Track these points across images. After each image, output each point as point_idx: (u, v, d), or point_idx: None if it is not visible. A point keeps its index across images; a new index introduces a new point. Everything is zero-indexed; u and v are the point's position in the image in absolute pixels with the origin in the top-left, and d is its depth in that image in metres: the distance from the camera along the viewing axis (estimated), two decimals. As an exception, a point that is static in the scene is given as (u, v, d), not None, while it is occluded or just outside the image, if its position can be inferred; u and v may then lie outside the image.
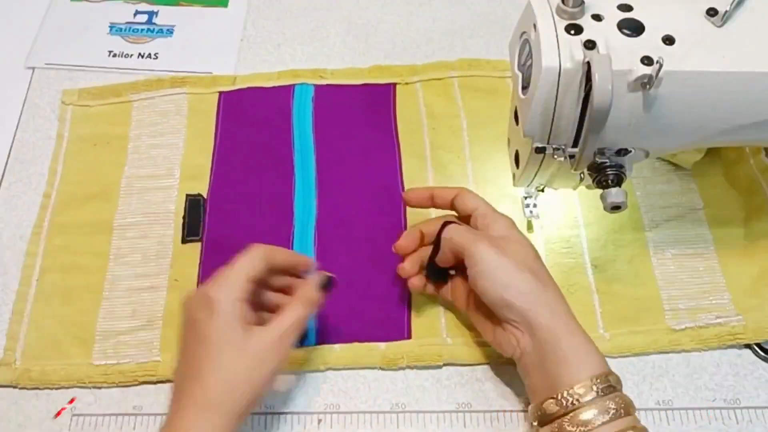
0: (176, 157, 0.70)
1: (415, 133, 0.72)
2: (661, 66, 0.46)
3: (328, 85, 0.75)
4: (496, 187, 0.67)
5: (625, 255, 0.65)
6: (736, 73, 0.49)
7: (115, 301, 0.63)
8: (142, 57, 0.78)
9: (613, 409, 0.49)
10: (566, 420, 0.49)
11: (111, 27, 0.80)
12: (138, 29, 0.80)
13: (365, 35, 0.80)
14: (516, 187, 0.62)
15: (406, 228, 0.66)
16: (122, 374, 0.59)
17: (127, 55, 0.78)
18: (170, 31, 0.80)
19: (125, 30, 0.80)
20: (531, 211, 0.64)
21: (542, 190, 0.63)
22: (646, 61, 0.48)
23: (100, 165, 0.70)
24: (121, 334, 0.62)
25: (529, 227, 0.66)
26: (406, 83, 0.75)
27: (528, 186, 0.61)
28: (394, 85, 0.75)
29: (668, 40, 0.49)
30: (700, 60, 0.49)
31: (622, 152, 0.52)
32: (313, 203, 0.68)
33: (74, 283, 0.64)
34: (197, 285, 0.63)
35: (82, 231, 0.67)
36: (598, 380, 0.50)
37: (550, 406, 0.50)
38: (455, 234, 0.56)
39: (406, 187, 0.68)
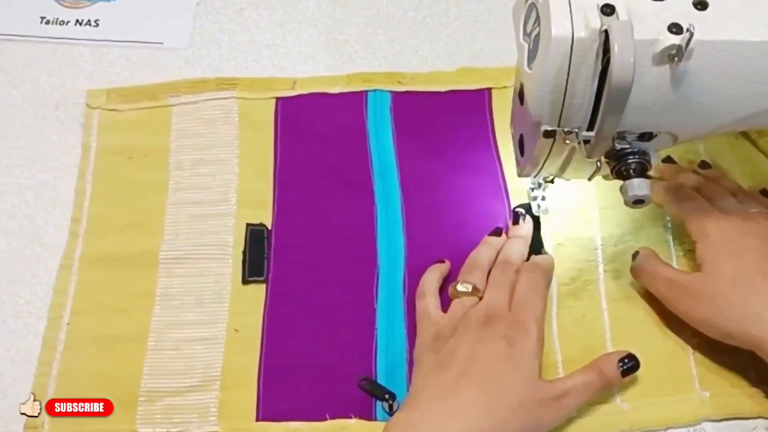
0: (231, 177, 0.68)
1: None
2: (692, 35, 0.46)
3: (407, 92, 0.72)
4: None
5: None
6: (780, 43, 0.49)
7: (163, 353, 0.60)
8: (81, 24, 0.77)
9: None
10: None
11: (42, -12, 0.79)
12: (75, -9, 0.79)
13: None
14: (521, 178, 0.61)
15: None
16: None
17: (63, 21, 0.77)
18: (113, -7, 0.79)
19: (59, -9, 0.79)
20: (538, 206, 0.64)
21: (552, 181, 0.63)
22: (675, 29, 0.47)
23: (138, 183, 0.67)
24: (170, 396, 0.58)
25: (536, 225, 0.65)
26: (504, 87, 0.72)
27: (535, 176, 0.60)
28: (489, 90, 0.73)
29: (700, 5, 0.49)
30: (737, 28, 0.48)
31: (646, 137, 0.52)
32: (401, 238, 0.65)
33: (112, 329, 0.61)
34: (261, 339, 0.60)
35: (121, 264, 0.63)
36: None
37: None
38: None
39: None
